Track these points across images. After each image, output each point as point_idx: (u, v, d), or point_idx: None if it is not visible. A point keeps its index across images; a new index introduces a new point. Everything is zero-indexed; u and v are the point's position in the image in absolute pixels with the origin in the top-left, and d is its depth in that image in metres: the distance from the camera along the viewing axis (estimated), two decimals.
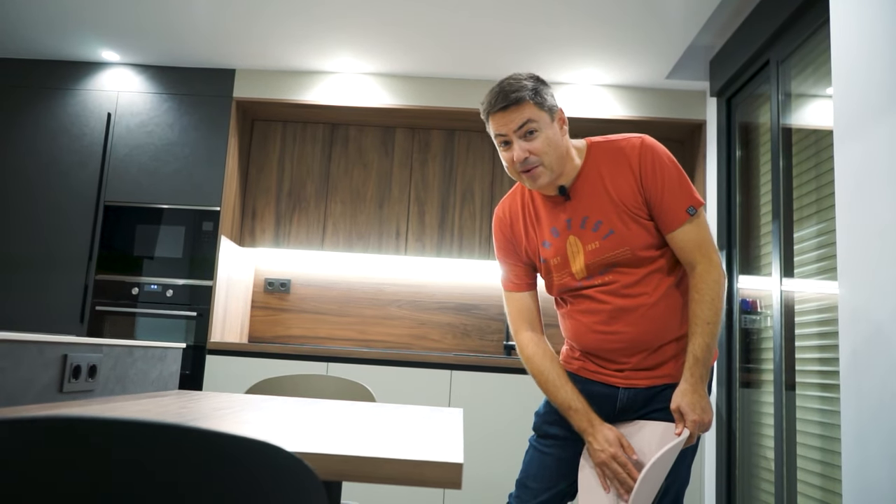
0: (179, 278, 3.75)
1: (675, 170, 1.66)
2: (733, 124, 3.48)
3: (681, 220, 1.64)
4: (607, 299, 1.68)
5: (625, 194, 1.65)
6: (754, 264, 3.14)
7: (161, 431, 0.70)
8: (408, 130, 4.20)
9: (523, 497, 1.77)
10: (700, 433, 1.60)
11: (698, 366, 1.59)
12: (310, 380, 2.32)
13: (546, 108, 1.64)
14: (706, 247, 1.65)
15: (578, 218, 1.69)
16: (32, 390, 1.44)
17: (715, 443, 3.33)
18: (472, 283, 4.23)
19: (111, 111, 3.91)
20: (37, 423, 0.69)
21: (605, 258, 1.67)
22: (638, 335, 1.66)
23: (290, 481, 0.74)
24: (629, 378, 1.70)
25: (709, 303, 1.61)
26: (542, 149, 1.62)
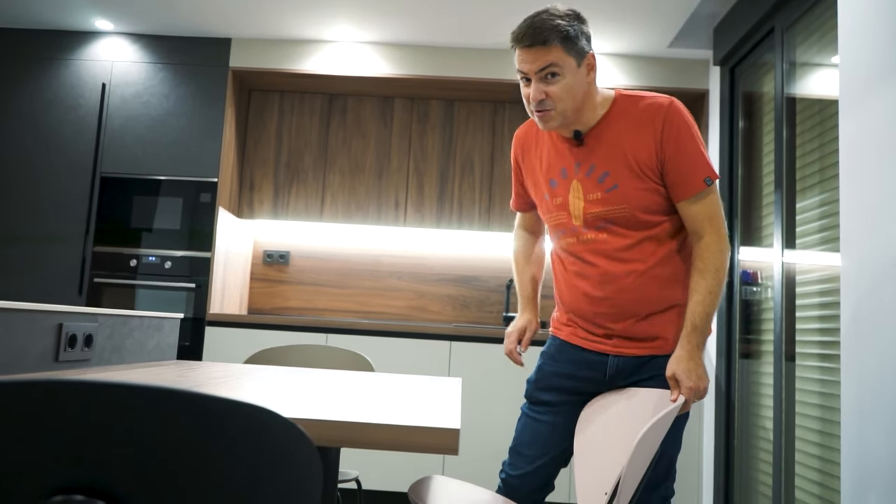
0: (178, 250, 3.73)
1: (697, 138, 1.64)
2: (736, 94, 3.43)
3: (696, 189, 1.62)
4: (598, 262, 1.67)
5: (640, 153, 1.63)
6: (755, 235, 3.12)
7: (157, 395, 0.69)
8: (407, 100, 4.16)
9: (517, 464, 1.77)
10: (695, 401, 1.59)
11: (696, 333, 1.59)
12: (309, 350, 2.32)
13: (574, 53, 1.59)
14: (716, 219, 1.63)
15: (587, 165, 1.67)
16: (27, 359, 1.43)
17: (714, 413, 3.34)
18: (472, 255, 4.22)
19: (106, 81, 3.86)
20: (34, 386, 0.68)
21: (603, 211, 1.65)
22: (627, 302, 1.65)
23: (285, 446, 0.73)
24: (618, 346, 1.69)
25: (713, 272, 1.60)
26: (559, 94, 1.59)
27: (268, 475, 0.72)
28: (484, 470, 3.41)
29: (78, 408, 0.67)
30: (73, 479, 0.69)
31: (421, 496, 1.49)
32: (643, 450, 1.38)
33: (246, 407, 0.71)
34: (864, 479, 1.95)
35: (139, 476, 0.69)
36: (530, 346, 3.48)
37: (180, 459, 0.70)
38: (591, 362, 1.72)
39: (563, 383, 1.74)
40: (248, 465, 0.72)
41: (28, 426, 0.68)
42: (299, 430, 0.72)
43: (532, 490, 1.76)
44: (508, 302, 4.08)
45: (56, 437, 0.68)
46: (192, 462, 0.70)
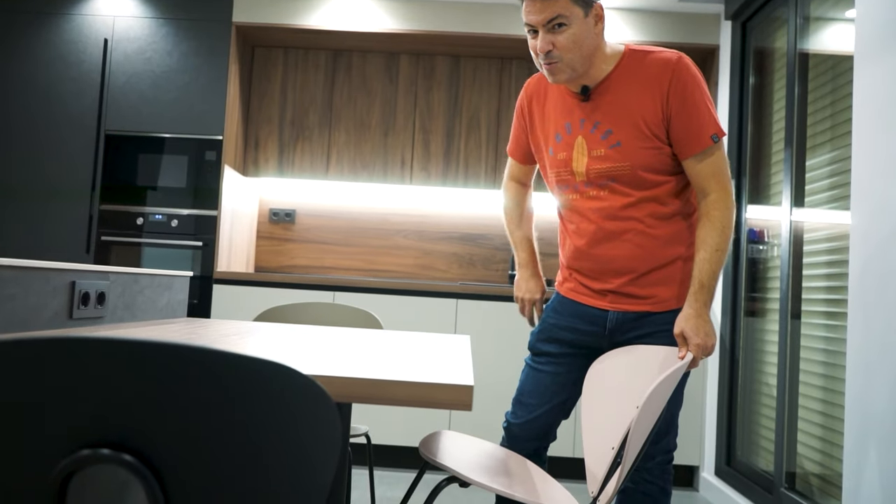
0: (184, 208, 3.73)
1: (705, 95, 1.62)
2: (748, 49, 3.38)
3: (703, 145, 1.61)
4: (597, 219, 1.69)
5: (647, 110, 1.62)
6: (764, 194, 3.11)
7: (178, 352, 0.70)
8: (412, 57, 4.10)
9: (519, 413, 1.81)
10: (703, 357, 1.61)
11: (703, 291, 1.59)
12: (317, 308, 2.33)
13: (581, 3, 1.58)
14: (722, 176, 1.62)
15: (591, 121, 1.67)
16: (43, 316, 1.45)
17: (718, 370, 3.37)
18: (478, 213, 4.21)
19: (107, 37, 3.81)
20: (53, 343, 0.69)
21: (605, 168, 1.65)
22: (624, 259, 1.67)
23: (305, 402, 0.74)
24: (615, 302, 1.71)
25: (719, 230, 1.60)
26: (566, 45, 1.58)
27: (288, 431, 0.74)
28: (490, 425, 3.46)
29: (103, 365, 0.68)
30: (99, 435, 0.70)
31: (432, 451, 1.52)
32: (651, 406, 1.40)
33: (266, 364, 0.72)
34: (866, 432, 1.98)
35: (163, 431, 0.70)
36: None
37: (202, 415, 0.71)
38: (592, 317, 1.74)
39: (565, 336, 1.77)
40: (268, 421, 0.73)
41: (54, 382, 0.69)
42: (318, 386, 0.73)
43: (533, 438, 1.80)
44: (513, 260, 4.08)
45: (82, 393, 0.69)
46: (214, 418, 0.71)
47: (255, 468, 0.73)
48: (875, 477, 1.92)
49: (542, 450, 1.84)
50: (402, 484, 3.28)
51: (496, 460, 1.59)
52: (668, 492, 1.77)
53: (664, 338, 1.67)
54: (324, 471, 0.76)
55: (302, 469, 0.75)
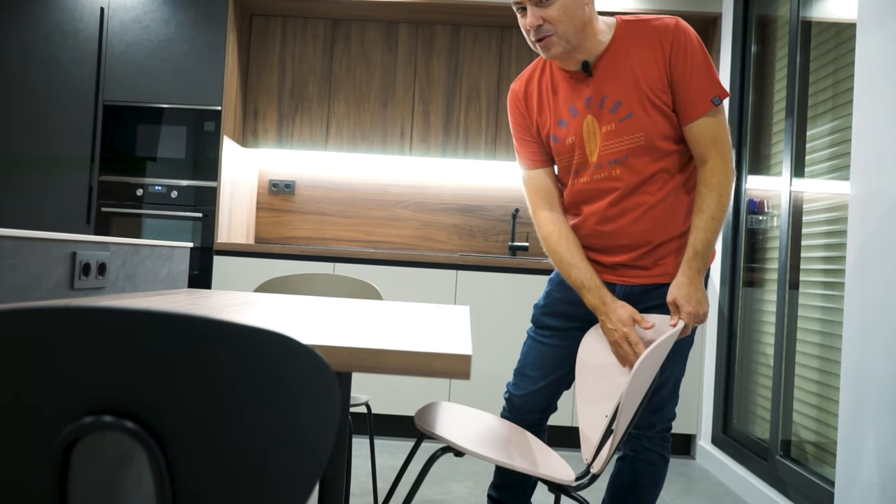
0: (183, 179, 3.73)
1: (704, 57, 1.61)
2: (750, 17, 3.34)
3: (703, 109, 1.60)
4: (610, 196, 1.66)
5: (651, 77, 1.60)
6: (764, 164, 3.10)
7: (179, 322, 0.71)
8: (412, 26, 4.06)
9: (521, 385, 1.82)
10: (695, 325, 1.61)
11: (697, 259, 1.59)
12: (317, 279, 2.34)
13: None
14: (722, 143, 1.61)
15: (598, 97, 1.64)
16: (44, 287, 1.46)
17: (715, 340, 3.39)
18: (478, 184, 4.20)
19: (104, 5, 3.77)
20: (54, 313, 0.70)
21: (619, 143, 1.63)
22: (637, 233, 1.66)
23: (304, 371, 0.75)
24: (623, 276, 1.71)
25: (716, 198, 1.59)
26: (556, 17, 1.55)
27: (289, 399, 0.75)
28: (489, 395, 3.49)
29: (104, 334, 0.69)
30: (102, 402, 0.72)
31: (428, 422, 1.52)
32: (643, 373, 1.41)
33: (266, 333, 0.73)
34: (861, 401, 2.00)
35: (165, 400, 0.72)
36: (539, 274, 3.51)
37: (204, 384, 0.72)
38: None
39: (570, 310, 1.77)
40: (269, 390, 0.74)
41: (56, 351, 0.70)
42: (318, 355, 0.75)
43: (534, 409, 1.82)
44: (514, 231, 4.09)
45: (84, 361, 0.70)
46: (216, 386, 0.73)
47: (256, 435, 0.74)
48: (869, 445, 1.95)
49: (542, 420, 1.86)
50: (402, 453, 3.32)
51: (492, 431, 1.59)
52: (666, 459, 1.79)
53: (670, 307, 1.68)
54: (324, 439, 0.78)
55: (302, 437, 0.77)
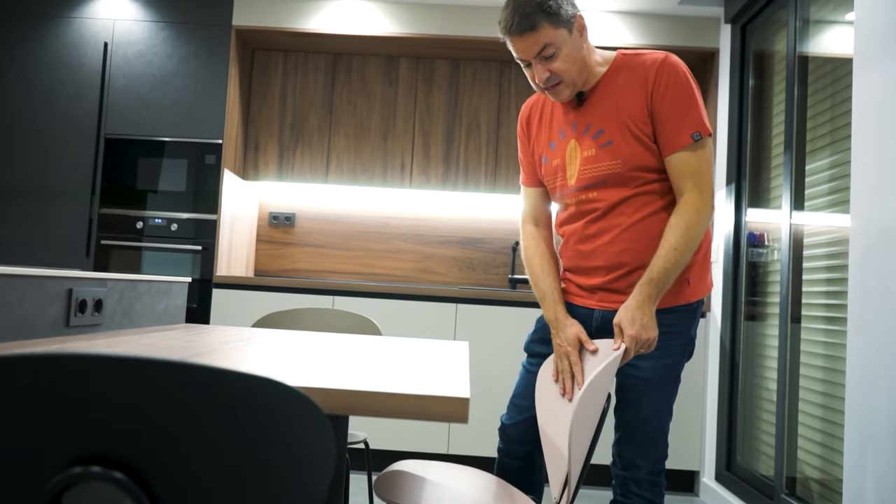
0: (184, 212, 3.73)
1: (688, 92, 1.62)
2: (747, 52, 3.37)
3: (682, 143, 1.61)
4: (588, 219, 1.70)
5: (633, 107, 1.63)
6: (763, 197, 3.10)
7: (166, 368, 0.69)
8: (412, 60, 4.10)
9: (512, 414, 1.83)
10: (641, 351, 1.58)
11: (650, 285, 1.57)
12: (316, 313, 2.33)
13: (563, 24, 1.61)
14: (700, 178, 1.60)
15: (584, 124, 1.70)
16: (39, 324, 1.44)
17: (717, 374, 3.36)
18: (478, 217, 4.20)
19: (108, 40, 3.81)
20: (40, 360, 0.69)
21: (597, 168, 1.66)
22: (612, 255, 1.67)
23: (297, 416, 0.73)
24: (602, 301, 1.71)
25: (682, 230, 1.58)
26: (563, 67, 1.62)
27: (282, 446, 0.73)
28: (489, 432, 3.45)
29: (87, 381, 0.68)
30: (89, 451, 0.70)
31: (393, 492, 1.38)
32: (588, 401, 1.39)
33: (257, 379, 0.71)
34: (867, 437, 1.97)
35: (152, 448, 0.70)
36: (539, 307, 3.49)
37: (193, 431, 0.71)
38: (581, 316, 1.75)
39: None
40: (260, 437, 0.72)
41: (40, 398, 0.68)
42: (311, 401, 0.73)
43: (525, 440, 1.80)
44: (514, 264, 4.08)
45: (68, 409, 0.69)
46: (205, 434, 0.71)
47: (247, 484, 0.72)
48: (875, 483, 1.92)
49: (535, 454, 1.83)
50: None
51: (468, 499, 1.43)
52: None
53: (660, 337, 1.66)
54: (318, 483, 0.76)
55: (296, 483, 0.75)
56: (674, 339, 1.68)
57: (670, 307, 1.67)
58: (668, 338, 1.67)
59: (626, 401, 1.72)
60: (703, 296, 1.71)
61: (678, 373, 1.70)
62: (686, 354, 1.72)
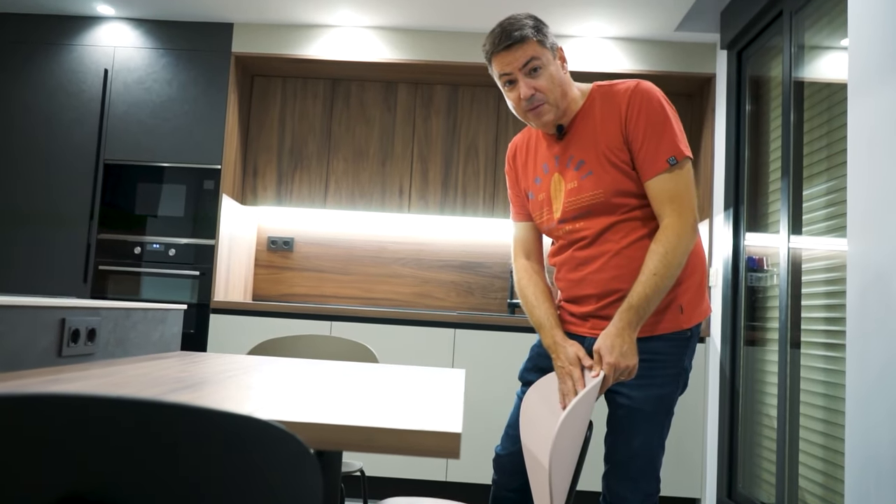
0: (182, 237, 3.73)
1: (662, 117, 1.62)
2: (744, 78, 3.39)
3: (658, 168, 1.61)
4: (577, 247, 1.71)
5: (610, 136, 1.65)
6: (762, 222, 3.10)
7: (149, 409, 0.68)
8: (410, 85, 4.12)
9: (504, 444, 1.82)
10: (620, 378, 1.56)
11: (630, 312, 1.56)
12: (312, 340, 2.32)
13: (548, 46, 1.66)
14: (680, 201, 1.60)
15: (565, 156, 1.71)
16: (31, 355, 1.43)
17: (718, 400, 3.34)
18: (476, 241, 4.20)
19: (108, 67, 3.84)
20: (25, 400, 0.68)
21: (580, 199, 1.67)
22: (600, 282, 1.67)
23: (283, 455, 0.72)
24: (594, 328, 1.70)
25: (661, 255, 1.57)
26: (546, 86, 1.64)
27: (266, 485, 0.72)
28: (488, 458, 3.42)
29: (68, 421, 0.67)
30: (73, 489, 0.69)
31: None
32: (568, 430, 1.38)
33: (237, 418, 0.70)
34: (867, 465, 1.94)
35: (136, 487, 0.69)
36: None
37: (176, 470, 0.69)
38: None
39: (549, 364, 1.76)
40: (245, 475, 0.71)
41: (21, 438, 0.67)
42: (296, 439, 0.72)
43: (520, 471, 1.77)
44: (512, 288, 4.07)
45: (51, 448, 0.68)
46: (189, 473, 0.70)
47: None
48: None
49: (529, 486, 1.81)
50: None
51: None
52: None
53: (644, 367, 1.63)
54: None
55: None
56: (665, 369, 1.65)
57: (661, 334, 1.65)
58: (658, 366, 1.64)
59: (616, 431, 1.68)
60: (697, 322, 1.69)
61: (671, 405, 1.67)
62: (679, 385, 1.68)
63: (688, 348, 1.68)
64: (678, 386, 1.67)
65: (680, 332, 1.66)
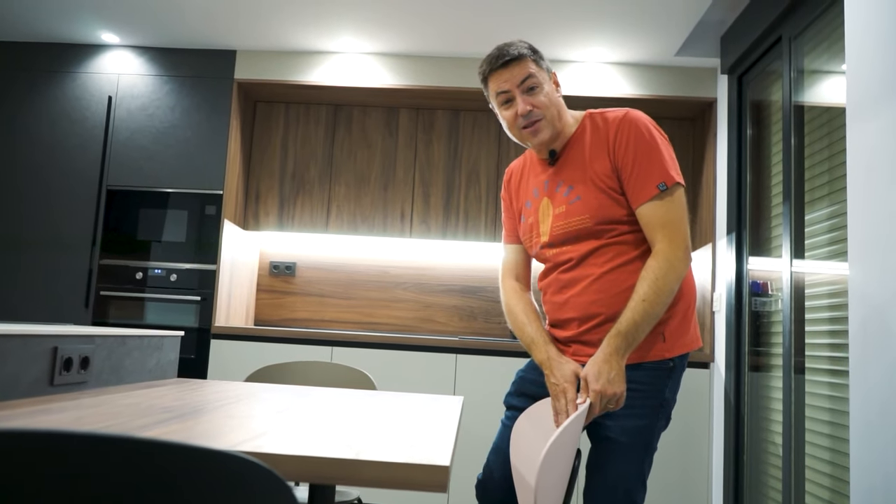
0: (184, 262, 3.73)
1: (650, 144, 1.61)
2: (744, 102, 3.39)
3: (648, 194, 1.59)
4: (562, 270, 1.71)
5: (598, 164, 1.65)
6: (764, 246, 3.08)
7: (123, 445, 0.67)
8: (412, 111, 4.14)
9: (487, 467, 1.78)
10: (609, 407, 1.52)
11: (618, 338, 1.53)
12: (310, 366, 2.30)
13: (544, 67, 1.70)
14: (671, 227, 1.58)
15: (555, 182, 1.72)
16: (22, 384, 1.42)
17: (723, 427, 3.29)
18: (478, 266, 4.19)
19: (112, 94, 3.87)
20: None
21: (568, 223, 1.67)
22: (582, 305, 1.65)
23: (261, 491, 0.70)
24: (576, 354, 1.67)
25: (651, 281, 1.54)
26: (544, 103, 1.66)
27: None
28: None
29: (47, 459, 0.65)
30: None
31: None
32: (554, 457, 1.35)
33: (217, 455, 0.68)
34: (873, 495, 1.90)
35: None
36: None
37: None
38: None
39: (533, 390, 1.75)
40: None
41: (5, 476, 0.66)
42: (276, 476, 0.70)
43: (501, 495, 1.73)
44: None
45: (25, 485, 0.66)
46: None
47: None
48: None
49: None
50: None
51: None
52: None
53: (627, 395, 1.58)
54: None
55: None
56: (643, 399, 1.59)
57: (639, 363, 1.60)
58: (636, 396, 1.58)
59: (592, 463, 1.63)
60: (680, 353, 1.63)
61: (650, 439, 1.60)
62: (660, 418, 1.61)
63: (669, 379, 1.62)
64: (658, 418, 1.61)
65: (661, 362, 1.61)
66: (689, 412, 3.43)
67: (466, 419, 3.44)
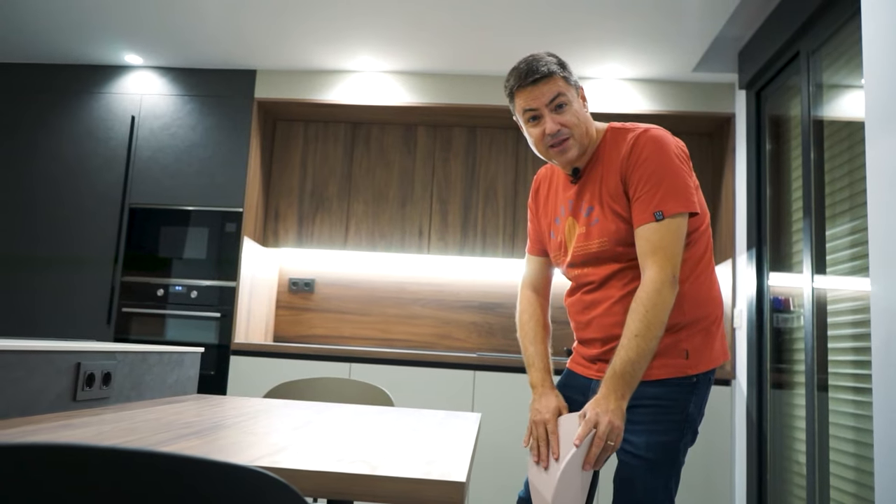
0: (204, 279, 3.77)
1: (663, 168, 1.56)
2: (763, 117, 3.38)
3: (643, 220, 1.55)
4: (585, 290, 1.70)
5: (611, 184, 1.62)
6: (785, 262, 3.05)
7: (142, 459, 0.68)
8: (429, 128, 4.17)
9: (526, 486, 1.74)
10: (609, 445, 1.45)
11: (614, 379, 1.47)
12: (329, 383, 2.31)
13: (572, 83, 1.64)
14: (661, 253, 1.52)
15: (578, 201, 1.70)
16: (46, 399, 1.44)
17: (746, 446, 3.25)
18: (496, 282, 4.19)
19: (135, 114, 3.94)
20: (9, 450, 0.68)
21: (589, 245, 1.65)
22: (605, 326, 1.64)
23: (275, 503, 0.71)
24: (600, 371, 1.65)
25: (641, 314, 1.49)
26: (572, 121, 1.61)
27: None
28: (508, 503, 3.35)
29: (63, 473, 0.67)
30: None
31: None
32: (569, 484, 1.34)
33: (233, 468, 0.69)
34: None
35: None
36: (558, 374, 3.43)
37: None
38: (582, 387, 1.72)
39: (570, 397, 1.73)
40: None
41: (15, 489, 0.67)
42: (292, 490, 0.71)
43: None
44: None
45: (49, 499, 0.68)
46: None
47: None
48: None
49: None
50: None
51: None
52: None
53: (645, 412, 1.56)
54: None
55: None
56: (668, 414, 1.57)
57: (664, 379, 1.58)
58: (660, 412, 1.56)
59: (619, 480, 1.61)
60: (706, 369, 1.60)
61: (676, 455, 1.57)
62: (686, 434, 1.59)
63: (694, 394, 1.59)
64: (683, 434, 1.58)
65: (684, 378, 1.59)
66: (711, 430, 3.39)
67: (484, 436, 3.42)
